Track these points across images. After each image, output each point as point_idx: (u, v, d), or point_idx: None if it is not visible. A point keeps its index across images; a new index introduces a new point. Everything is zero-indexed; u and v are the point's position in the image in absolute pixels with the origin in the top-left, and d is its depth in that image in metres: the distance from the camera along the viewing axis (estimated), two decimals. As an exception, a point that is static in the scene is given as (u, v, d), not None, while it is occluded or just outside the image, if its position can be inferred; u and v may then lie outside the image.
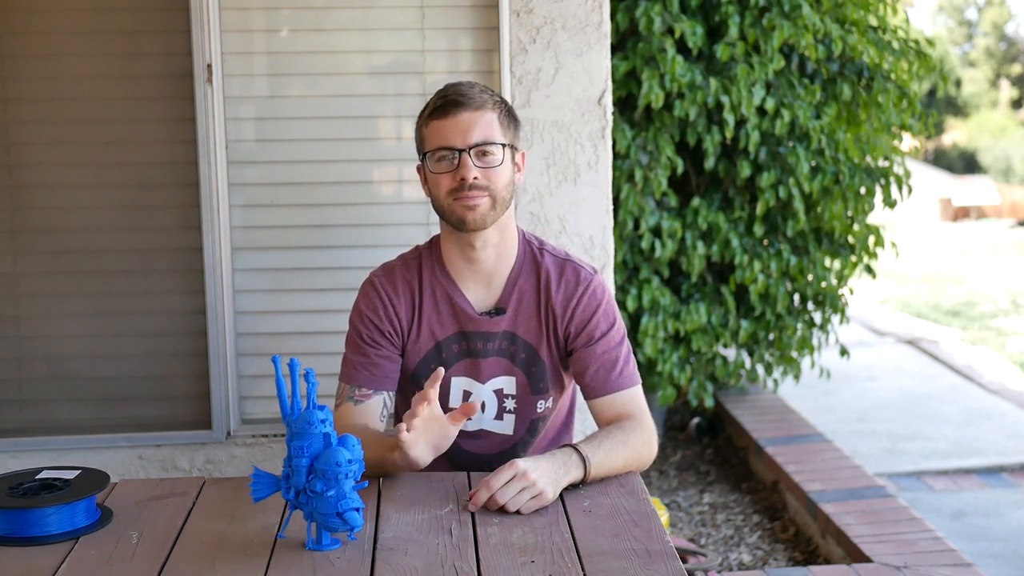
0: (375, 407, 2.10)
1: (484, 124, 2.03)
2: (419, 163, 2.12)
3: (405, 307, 2.13)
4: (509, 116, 2.09)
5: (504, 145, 2.04)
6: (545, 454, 1.89)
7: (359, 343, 2.13)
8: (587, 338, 2.10)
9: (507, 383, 2.15)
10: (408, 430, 1.81)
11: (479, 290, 2.13)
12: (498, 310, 2.12)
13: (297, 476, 1.65)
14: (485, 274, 2.12)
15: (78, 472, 1.85)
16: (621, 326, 2.15)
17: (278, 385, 1.70)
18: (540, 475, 1.81)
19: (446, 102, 2.04)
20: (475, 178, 2.01)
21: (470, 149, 2.01)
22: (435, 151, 2.04)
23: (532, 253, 2.15)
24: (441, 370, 1.83)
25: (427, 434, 1.85)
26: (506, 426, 2.18)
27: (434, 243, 2.18)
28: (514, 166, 2.10)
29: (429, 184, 2.09)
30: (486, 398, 2.16)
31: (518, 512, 1.78)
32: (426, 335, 2.13)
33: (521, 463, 1.82)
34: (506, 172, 2.05)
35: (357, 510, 1.63)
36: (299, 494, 1.66)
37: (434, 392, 1.81)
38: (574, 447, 1.93)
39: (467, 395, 2.15)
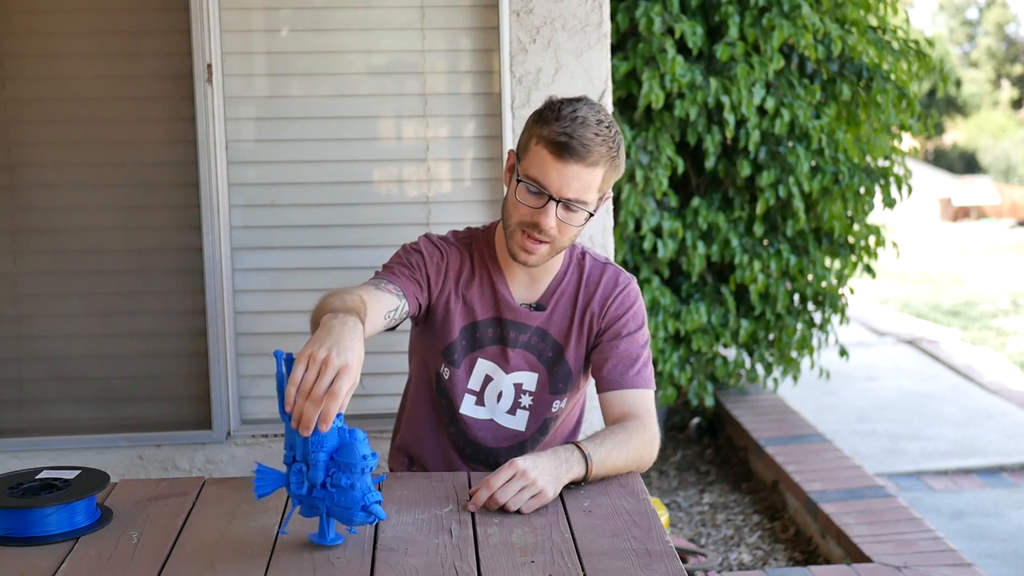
0: (388, 300, 2.02)
1: (586, 182, 1.98)
2: (513, 150, 2.09)
3: (452, 273, 2.14)
4: (615, 171, 2.04)
5: (590, 212, 2.02)
6: (547, 451, 1.90)
7: (403, 258, 2.13)
8: (614, 334, 2.14)
9: (528, 379, 2.17)
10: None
11: (522, 288, 2.16)
12: (539, 306, 2.16)
13: (315, 471, 1.63)
14: (532, 275, 2.15)
15: (78, 472, 1.85)
16: (647, 333, 2.18)
17: (279, 380, 1.68)
18: (540, 473, 1.82)
19: (565, 144, 1.96)
20: (550, 227, 2.01)
21: (560, 201, 1.99)
22: (529, 180, 2.00)
23: (576, 259, 2.19)
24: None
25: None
26: (518, 422, 2.19)
27: (489, 230, 2.20)
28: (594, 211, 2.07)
29: (508, 196, 2.06)
30: (504, 388, 2.17)
31: (519, 511, 1.78)
32: (466, 311, 2.15)
33: (521, 462, 1.82)
34: (580, 227, 2.05)
35: (379, 503, 1.63)
36: (312, 489, 1.64)
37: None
38: (576, 444, 1.93)
39: (488, 379, 2.17)
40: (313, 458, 1.63)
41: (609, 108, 2.94)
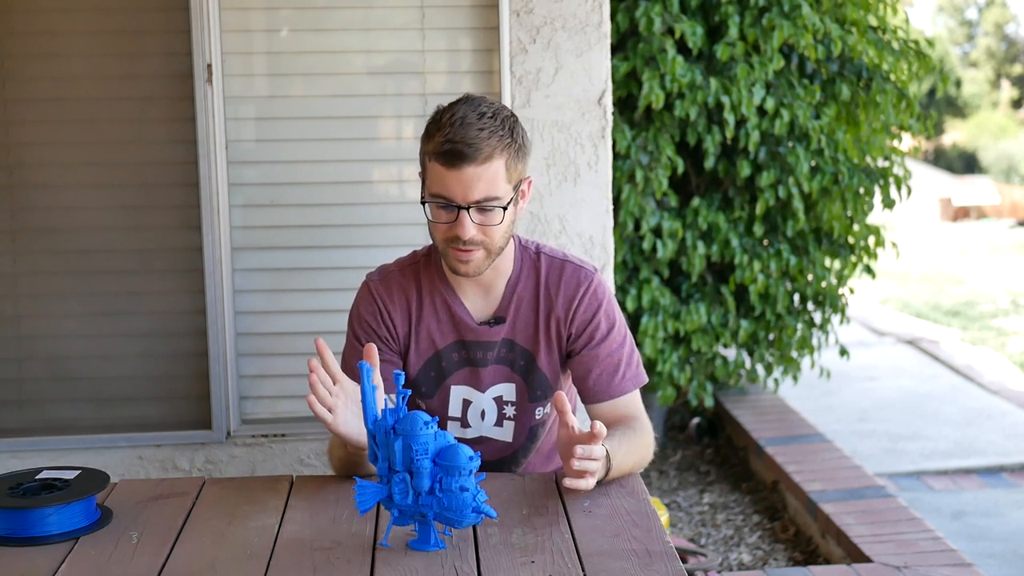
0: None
1: (488, 179, 1.91)
2: (421, 172, 2.05)
3: (400, 315, 2.09)
4: (519, 153, 1.96)
5: (506, 206, 1.95)
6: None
7: (357, 345, 2.10)
8: (588, 339, 2.07)
9: (506, 390, 2.13)
10: (331, 412, 1.80)
11: (478, 300, 2.09)
12: (497, 319, 2.09)
13: (420, 478, 1.60)
14: (484, 285, 2.08)
15: (78, 472, 1.85)
16: (623, 326, 2.11)
17: (364, 394, 1.66)
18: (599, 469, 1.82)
19: (452, 151, 1.89)
20: (471, 235, 1.94)
21: (470, 207, 1.93)
22: (435, 198, 1.95)
23: (529, 259, 2.11)
24: (322, 343, 1.83)
25: (346, 407, 1.83)
26: (506, 433, 2.15)
27: (433, 251, 2.12)
28: (517, 200, 2.01)
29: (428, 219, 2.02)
30: (486, 406, 2.13)
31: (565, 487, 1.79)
32: (425, 343, 2.10)
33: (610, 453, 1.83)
34: (506, 224, 1.97)
35: (487, 501, 1.63)
36: (418, 497, 1.61)
37: (329, 368, 1.82)
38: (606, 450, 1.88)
39: (467, 403, 2.12)
40: (418, 465, 1.60)
41: (609, 108, 2.94)
